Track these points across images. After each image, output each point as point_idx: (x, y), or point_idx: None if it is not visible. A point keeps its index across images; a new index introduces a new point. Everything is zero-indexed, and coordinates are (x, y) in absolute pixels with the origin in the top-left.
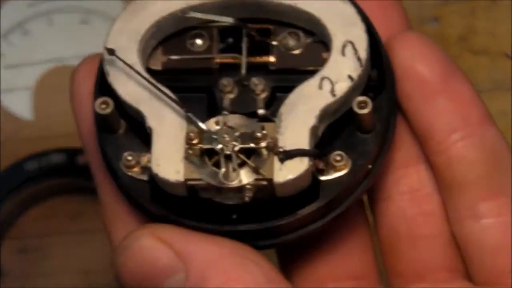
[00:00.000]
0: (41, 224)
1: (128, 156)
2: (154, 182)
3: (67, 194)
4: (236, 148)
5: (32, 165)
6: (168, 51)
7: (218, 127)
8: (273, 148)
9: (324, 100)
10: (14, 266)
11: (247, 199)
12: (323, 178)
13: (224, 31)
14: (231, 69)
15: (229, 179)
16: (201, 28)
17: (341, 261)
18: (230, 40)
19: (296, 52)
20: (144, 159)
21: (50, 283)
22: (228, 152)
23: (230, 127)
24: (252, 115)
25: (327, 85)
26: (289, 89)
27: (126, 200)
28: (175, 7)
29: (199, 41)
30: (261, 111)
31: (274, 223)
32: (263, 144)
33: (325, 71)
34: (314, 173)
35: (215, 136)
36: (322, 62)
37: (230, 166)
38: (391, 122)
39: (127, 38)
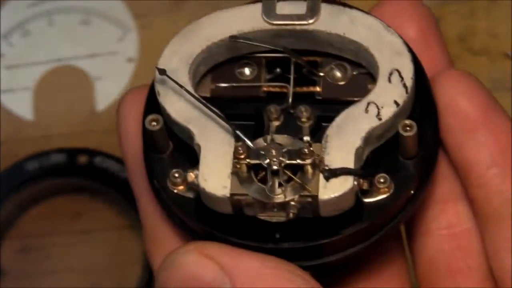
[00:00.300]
0: (41, 224)
1: (175, 173)
2: (200, 200)
3: (67, 194)
4: (283, 164)
5: (32, 165)
6: (216, 78)
7: (265, 144)
8: (319, 166)
9: (370, 123)
10: (14, 266)
11: (291, 215)
12: (366, 200)
13: (272, 61)
14: (278, 98)
15: (275, 194)
16: (250, 58)
17: None
18: (278, 70)
19: (342, 83)
20: (190, 176)
21: (50, 283)
22: (275, 167)
23: (278, 144)
24: None
25: (373, 110)
26: (334, 119)
27: (171, 218)
28: (227, 33)
29: (247, 70)
30: (306, 139)
31: (317, 241)
32: (309, 160)
33: (372, 96)
34: (358, 194)
35: (262, 152)
36: (367, 93)
37: (276, 181)
38: (434, 151)
39: (178, 60)
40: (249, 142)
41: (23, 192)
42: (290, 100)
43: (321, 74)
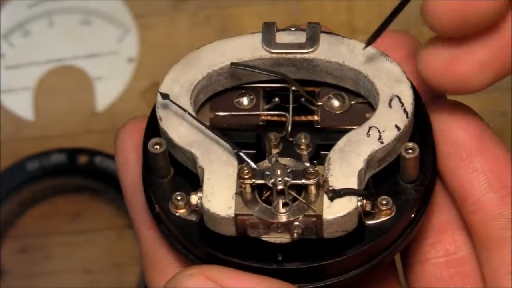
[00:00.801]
0: (41, 224)
1: (178, 196)
2: (202, 223)
3: (67, 194)
4: (288, 183)
5: (33, 165)
6: (215, 107)
7: (269, 165)
8: (323, 186)
9: (372, 146)
10: (14, 265)
11: (295, 235)
12: (368, 222)
13: (270, 91)
14: (276, 126)
15: (280, 213)
16: (248, 88)
17: None
18: (276, 99)
19: (340, 111)
20: (194, 198)
21: (50, 283)
22: (280, 187)
23: (283, 165)
24: None
25: (375, 133)
26: (335, 143)
27: (171, 242)
28: (227, 61)
29: (245, 100)
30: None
31: (319, 263)
32: (313, 180)
33: (373, 121)
34: (360, 215)
35: (267, 172)
36: (364, 121)
37: (281, 201)
38: (434, 175)
39: (179, 88)
40: (252, 163)
41: (23, 192)
42: (290, 128)
43: (319, 103)
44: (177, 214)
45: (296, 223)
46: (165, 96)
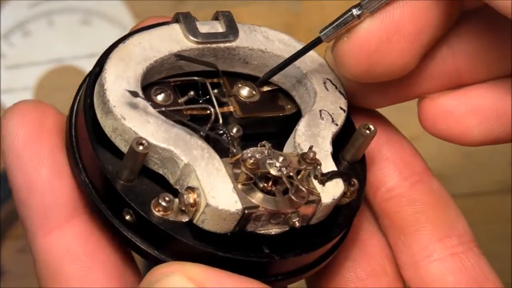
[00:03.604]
0: None
1: (165, 197)
2: (191, 223)
3: None
4: (294, 171)
5: None
6: None
7: (264, 154)
8: (314, 172)
9: (330, 129)
10: (14, 265)
11: (297, 224)
12: (341, 203)
13: (181, 85)
14: (200, 120)
15: (285, 202)
16: (160, 83)
17: None
18: (192, 93)
19: (254, 100)
20: (190, 197)
21: None
22: (291, 174)
23: (279, 153)
24: (226, 155)
25: (327, 116)
26: (255, 135)
27: (144, 246)
28: (159, 54)
29: (162, 96)
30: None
31: (323, 248)
32: (312, 166)
33: (319, 104)
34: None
35: (270, 161)
36: (281, 109)
37: (294, 188)
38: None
39: (127, 83)
40: (239, 151)
41: None
42: (221, 120)
43: (233, 94)
44: (165, 217)
45: (299, 211)
46: (135, 93)
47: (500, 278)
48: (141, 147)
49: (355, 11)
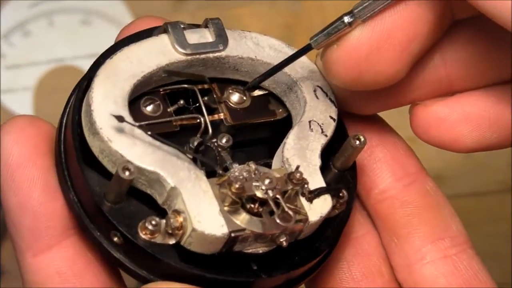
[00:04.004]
0: None
1: (152, 221)
2: (179, 245)
3: None
4: (280, 193)
5: None
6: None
7: (244, 175)
8: (301, 190)
9: (320, 141)
10: (14, 265)
11: (284, 243)
12: (332, 215)
13: (171, 94)
14: (190, 130)
15: (272, 224)
16: (150, 93)
17: None
18: (181, 102)
19: (244, 106)
20: (176, 221)
21: None
22: (277, 196)
23: (265, 174)
24: (214, 173)
25: (316, 127)
26: (246, 142)
27: (134, 268)
28: (147, 69)
29: (152, 107)
30: (227, 165)
31: (312, 263)
32: (299, 186)
33: (309, 114)
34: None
35: (256, 184)
36: (272, 114)
37: (279, 210)
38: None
39: (114, 104)
40: (227, 173)
41: None
42: (210, 130)
43: (223, 100)
44: (152, 240)
45: (287, 230)
46: (120, 118)
47: (500, 278)
48: (127, 173)
49: (346, 19)
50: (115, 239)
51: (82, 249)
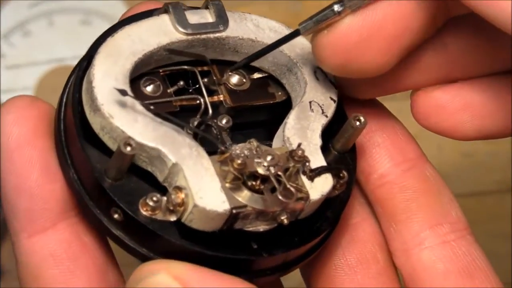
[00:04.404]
0: None
1: (153, 197)
2: (179, 222)
3: None
4: (282, 170)
5: None
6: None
7: (252, 152)
8: (302, 168)
9: (320, 121)
10: (14, 265)
11: (285, 221)
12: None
13: (171, 75)
14: (189, 110)
15: (274, 201)
16: (150, 74)
17: None
18: (181, 83)
19: (244, 88)
20: (178, 197)
21: None
22: (279, 173)
23: (267, 151)
24: (214, 153)
25: (317, 108)
26: (246, 124)
27: (134, 245)
28: (148, 48)
29: (152, 87)
30: (227, 146)
31: (311, 242)
32: (301, 164)
33: (310, 95)
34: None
35: (258, 160)
36: (271, 96)
37: (282, 187)
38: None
39: (115, 80)
40: (230, 148)
41: None
42: (210, 111)
43: (223, 82)
44: (153, 217)
45: (287, 208)
46: (123, 92)
47: (500, 278)
48: (128, 148)
49: (336, 7)
50: (116, 216)
51: (78, 232)
